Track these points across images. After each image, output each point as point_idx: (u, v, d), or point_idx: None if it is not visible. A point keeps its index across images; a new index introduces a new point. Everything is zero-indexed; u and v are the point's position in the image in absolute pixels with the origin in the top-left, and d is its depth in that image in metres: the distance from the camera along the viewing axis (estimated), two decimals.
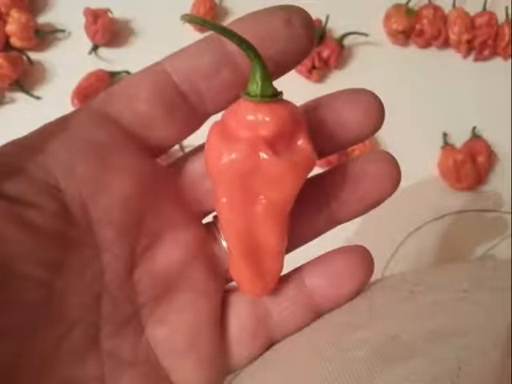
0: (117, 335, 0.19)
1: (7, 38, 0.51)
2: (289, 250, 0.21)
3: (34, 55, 0.52)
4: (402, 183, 0.21)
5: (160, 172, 0.20)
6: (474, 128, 0.49)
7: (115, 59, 0.52)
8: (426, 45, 0.53)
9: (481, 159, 0.47)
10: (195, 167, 0.21)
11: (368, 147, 0.47)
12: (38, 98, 0.50)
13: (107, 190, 0.18)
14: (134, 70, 0.20)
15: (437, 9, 0.52)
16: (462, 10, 0.52)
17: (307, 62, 0.50)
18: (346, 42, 0.52)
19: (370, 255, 0.22)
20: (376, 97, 0.20)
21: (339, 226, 0.22)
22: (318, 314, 0.22)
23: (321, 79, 0.51)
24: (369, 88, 0.20)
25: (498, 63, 0.53)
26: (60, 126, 0.19)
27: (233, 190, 0.19)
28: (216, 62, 0.19)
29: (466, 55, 0.53)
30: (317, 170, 0.20)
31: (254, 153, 0.18)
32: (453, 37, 0.52)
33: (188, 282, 0.21)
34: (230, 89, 0.19)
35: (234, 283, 0.22)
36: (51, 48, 0.53)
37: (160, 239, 0.20)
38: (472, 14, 0.52)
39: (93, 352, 0.19)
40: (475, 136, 0.49)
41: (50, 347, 0.17)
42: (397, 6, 0.52)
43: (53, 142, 0.18)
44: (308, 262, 0.22)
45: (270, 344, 0.22)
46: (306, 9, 0.19)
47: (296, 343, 0.21)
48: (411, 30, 0.52)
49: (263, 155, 0.18)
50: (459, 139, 0.49)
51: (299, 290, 0.21)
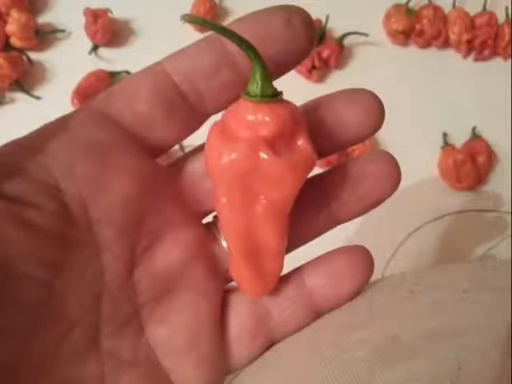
0: (117, 335, 0.19)
1: (7, 37, 0.51)
2: (289, 250, 0.21)
3: (34, 55, 0.52)
4: (402, 183, 0.21)
5: (160, 172, 0.20)
6: (474, 128, 0.49)
7: (115, 59, 0.52)
8: (426, 45, 0.53)
9: (481, 159, 0.47)
10: (195, 167, 0.21)
11: (368, 147, 0.47)
12: (38, 98, 0.50)
13: (107, 190, 0.18)
14: (134, 70, 0.20)
15: (437, 9, 0.52)
16: (462, 10, 0.52)
17: (307, 62, 0.50)
18: (346, 41, 0.52)
19: (370, 255, 0.22)
20: (376, 97, 0.20)
21: (339, 226, 0.22)
22: (317, 314, 0.22)
23: (321, 79, 0.51)
24: (369, 88, 0.20)
25: (498, 63, 0.53)
26: (60, 125, 0.19)
27: (233, 190, 0.19)
28: (216, 62, 0.19)
29: (466, 55, 0.53)
30: (317, 170, 0.20)
31: (254, 153, 0.18)
32: (453, 37, 0.52)
33: (188, 282, 0.21)
34: (230, 89, 0.19)
35: (234, 283, 0.22)
36: (51, 48, 0.53)
37: (160, 239, 0.20)
38: (472, 14, 0.52)
39: (93, 352, 0.19)
40: (475, 136, 0.49)
41: (50, 347, 0.17)
42: (397, 6, 0.52)
43: (53, 141, 0.18)
44: (308, 262, 0.22)
45: (270, 344, 0.22)
46: (306, 9, 0.19)
47: (296, 343, 0.21)
48: (411, 30, 0.52)
49: (263, 155, 0.18)
50: (459, 139, 0.49)
51: (299, 290, 0.21)
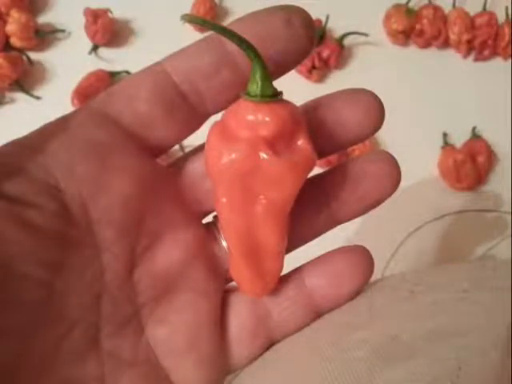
0: (117, 335, 0.19)
1: (7, 37, 0.51)
2: (289, 250, 0.21)
3: (34, 55, 0.52)
4: (402, 183, 0.21)
5: (160, 172, 0.20)
6: (474, 128, 0.49)
7: (115, 59, 0.52)
8: (426, 45, 0.53)
9: (481, 159, 0.47)
10: (195, 167, 0.21)
11: (368, 147, 0.47)
12: (38, 98, 0.50)
13: (107, 190, 0.18)
14: (134, 70, 0.20)
15: (437, 9, 0.52)
16: (462, 10, 0.52)
17: (307, 62, 0.50)
18: (346, 41, 0.52)
19: (370, 255, 0.22)
20: (376, 97, 0.20)
21: (339, 226, 0.22)
22: (318, 314, 0.22)
23: (321, 79, 0.51)
24: (369, 88, 0.20)
25: (498, 63, 0.53)
26: (60, 125, 0.19)
27: (233, 190, 0.19)
28: (216, 61, 0.19)
29: (466, 55, 0.53)
30: (317, 170, 0.20)
31: (254, 153, 0.18)
32: (453, 37, 0.52)
33: (188, 282, 0.21)
34: (230, 89, 0.19)
35: (234, 283, 0.22)
36: (51, 48, 0.53)
37: (160, 239, 0.20)
38: (472, 13, 0.52)
39: (93, 352, 0.19)
40: (475, 136, 0.49)
41: (50, 347, 0.17)
42: (397, 6, 0.52)
43: (53, 141, 0.18)
44: (308, 262, 0.22)
45: (270, 344, 0.22)
46: (306, 9, 0.19)
47: (296, 343, 0.21)
48: (411, 30, 0.52)
49: (263, 155, 0.18)
50: (459, 139, 0.49)
51: (299, 290, 0.21)
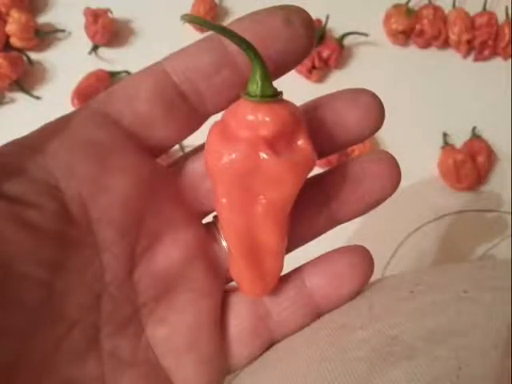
0: (117, 335, 0.19)
1: (7, 37, 0.51)
2: (289, 249, 0.21)
3: (34, 55, 0.52)
4: (402, 183, 0.21)
5: (160, 172, 0.20)
6: (474, 128, 0.49)
7: (115, 59, 0.52)
8: (426, 45, 0.53)
9: (481, 159, 0.47)
10: (195, 167, 0.21)
11: (368, 147, 0.47)
12: (37, 98, 0.50)
13: (107, 189, 0.18)
14: (133, 70, 0.20)
15: (437, 9, 0.52)
16: (462, 10, 0.52)
17: (307, 62, 0.50)
18: (346, 42, 0.52)
19: (370, 255, 0.22)
20: (376, 97, 0.20)
21: (339, 226, 0.22)
22: (318, 314, 0.22)
23: (321, 79, 0.51)
24: (369, 88, 0.20)
25: (498, 63, 0.53)
26: (60, 125, 0.19)
27: (233, 190, 0.19)
28: (216, 61, 0.19)
29: (466, 55, 0.53)
30: (317, 170, 0.20)
31: (254, 153, 0.18)
32: (453, 37, 0.52)
33: (188, 282, 0.21)
34: (230, 89, 0.19)
35: (234, 283, 0.22)
36: (51, 48, 0.53)
37: (160, 239, 0.20)
38: (472, 13, 0.52)
39: (93, 352, 0.19)
40: (475, 136, 0.49)
41: (50, 347, 0.17)
42: (397, 6, 0.52)
43: (53, 142, 0.18)
44: (308, 262, 0.22)
45: (270, 344, 0.22)
46: (306, 9, 0.19)
47: (296, 343, 0.21)
48: (411, 30, 0.52)
49: (263, 155, 0.18)
50: (459, 139, 0.49)
51: (299, 290, 0.21)
